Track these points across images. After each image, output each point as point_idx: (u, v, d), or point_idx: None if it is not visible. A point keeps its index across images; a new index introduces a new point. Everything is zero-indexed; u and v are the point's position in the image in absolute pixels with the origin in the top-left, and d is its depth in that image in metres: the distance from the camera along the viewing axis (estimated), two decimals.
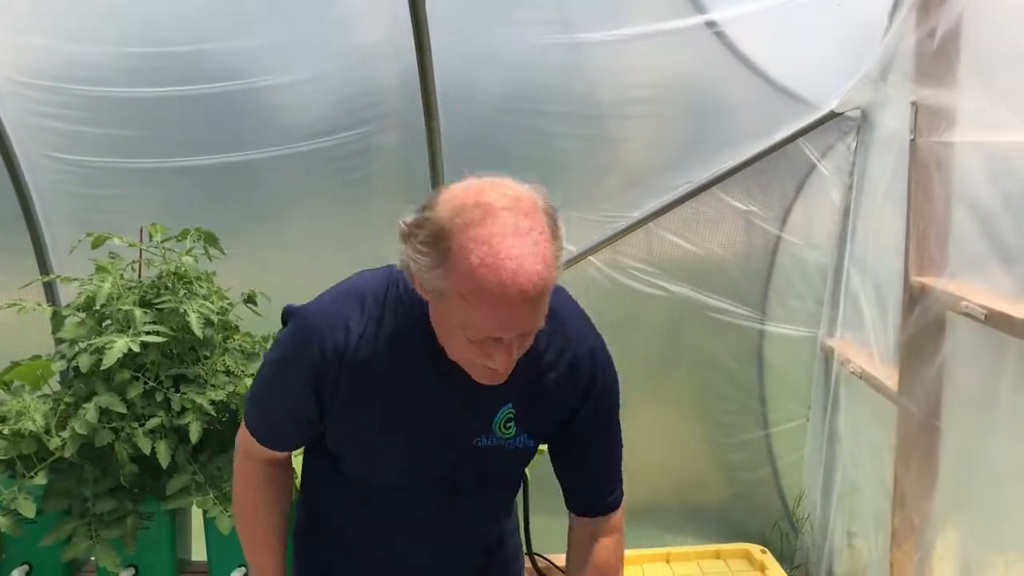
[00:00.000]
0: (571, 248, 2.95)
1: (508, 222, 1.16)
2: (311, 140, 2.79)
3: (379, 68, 2.72)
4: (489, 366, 1.27)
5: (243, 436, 1.55)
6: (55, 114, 2.83)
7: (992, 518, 2.01)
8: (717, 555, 3.01)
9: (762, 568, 2.89)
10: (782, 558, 3.00)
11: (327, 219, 3.00)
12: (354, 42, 2.69)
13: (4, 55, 2.75)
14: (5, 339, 2.75)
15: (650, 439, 3.10)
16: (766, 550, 2.99)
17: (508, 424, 1.45)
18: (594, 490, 1.59)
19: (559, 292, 1.46)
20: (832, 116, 2.79)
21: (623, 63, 2.80)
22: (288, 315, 1.44)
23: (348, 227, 2.99)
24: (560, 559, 2.31)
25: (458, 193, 1.20)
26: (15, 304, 2.49)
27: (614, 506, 1.60)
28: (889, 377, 2.40)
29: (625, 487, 1.63)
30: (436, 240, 1.18)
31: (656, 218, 2.94)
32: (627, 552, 2.49)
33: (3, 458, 2.41)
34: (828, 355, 2.92)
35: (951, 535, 2.19)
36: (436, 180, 2.84)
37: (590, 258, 2.99)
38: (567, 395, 1.47)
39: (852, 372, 2.66)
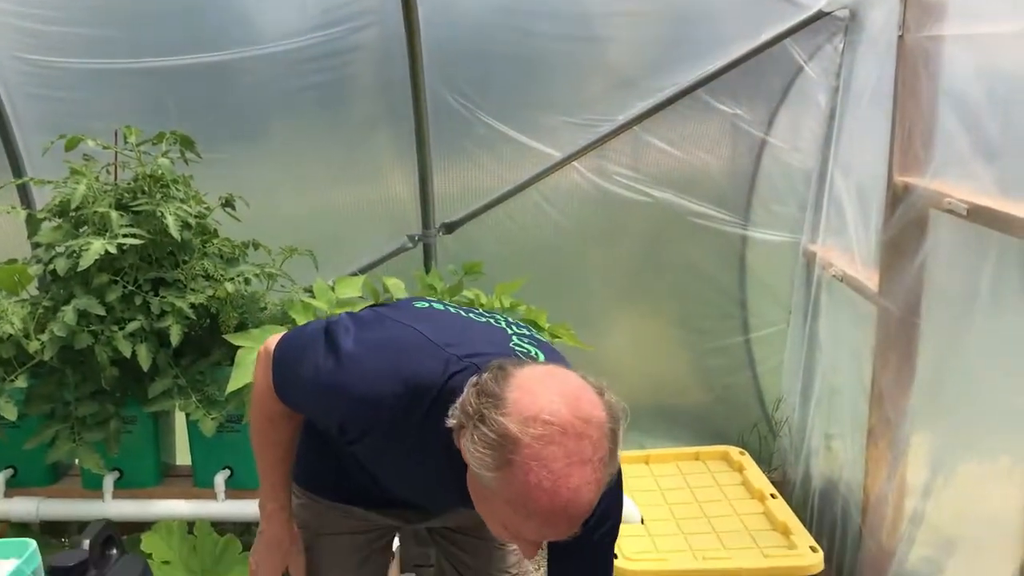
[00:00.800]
0: (555, 153, 2.92)
1: (574, 450, 1.13)
2: (286, 40, 2.72)
3: None
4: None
5: (267, 369, 1.51)
6: (23, 13, 2.74)
7: (967, 416, 2.04)
8: (696, 457, 3.06)
9: (740, 469, 2.95)
10: (760, 460, 3.06)
11: (303, 122, 2.95)
12: None
13: None
14: None
15: (631, 345, 3.13)
16: (744, 452, 3.05)
17: None
18: None
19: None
20: (820, 16, 2.74)
21: None
22: (333, 348, 1.38)
23: (325, 130, 2.94)
24: None
25: (531, 398, 1.15)
26: None
27: None
28: (870, 279, 2.41)
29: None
30: (500, 445, 1.13)
31: (641, 121, 2.90)
32: None
33: None
34: (810, 260, 2.92)
35: (926, 433, 2.23)
36: (416, 83, 2.78)
37: (574, 163, 2.96)
38: None
39: (833, 276, 2.67)
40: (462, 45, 2.82)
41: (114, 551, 2.13)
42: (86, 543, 2.00)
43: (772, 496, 2.74)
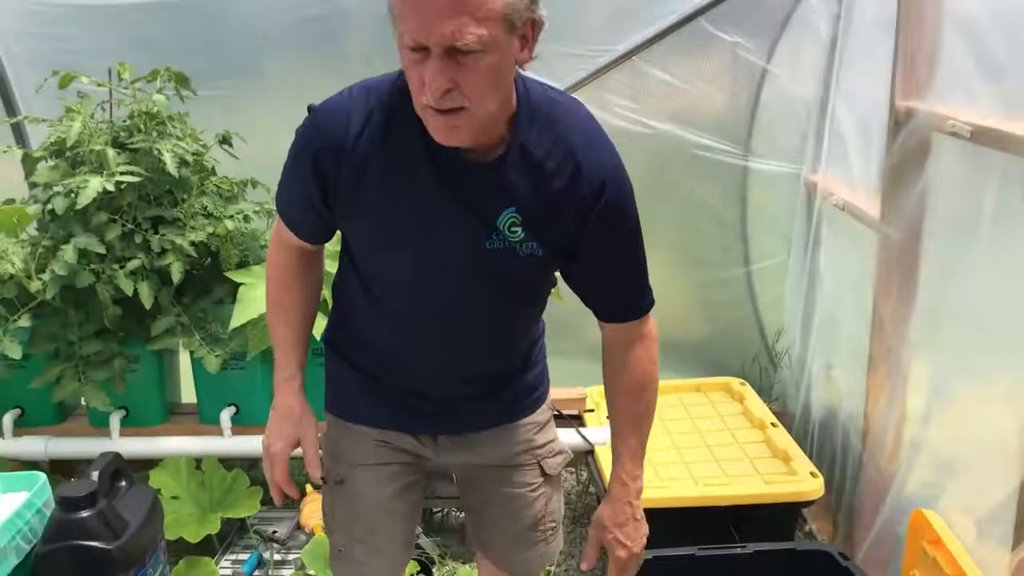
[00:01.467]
0: (555, 85, 2.88)
1: None
2: None
3: None
4: (428, 102, 1.26)
5: (277, 221, 1.59)
6: None
7: (968, 341, 2.05)
8: (697, 388, 3.09)
9: (741, 399, 2.97)
10: (760, 391, 3.08)
11: (299, 57, 2.91)
12: None
13: None
14: None
15: None
16: (745, 383, 3.07)
17: (514, 228, 1.42)
18: (620, 295, 1.55)
19: (570, 107, 1.46)
20: None
21: None
22: (308, 110, 1.47)
23: (321, 65, 2.91)
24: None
25: None
26: None
27: (645, 309, 1.56)
28: (871, 206, 2.39)
29: None
30: None
31: (641, 51, 2.86)
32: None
33: None
34: (811, 190, 2.90)
35: (927, 359, 2.24)
36: None
37: (574, 95, 2.91)
38: (572, 204, 1.42)
39: (835, 205, 2.66)
40: None
41: (123, 483, 2.16)
42: (95, 475, 2.03)
43: (772, 425, 2.76)
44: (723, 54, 2.91)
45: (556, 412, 2.28)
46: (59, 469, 2.77)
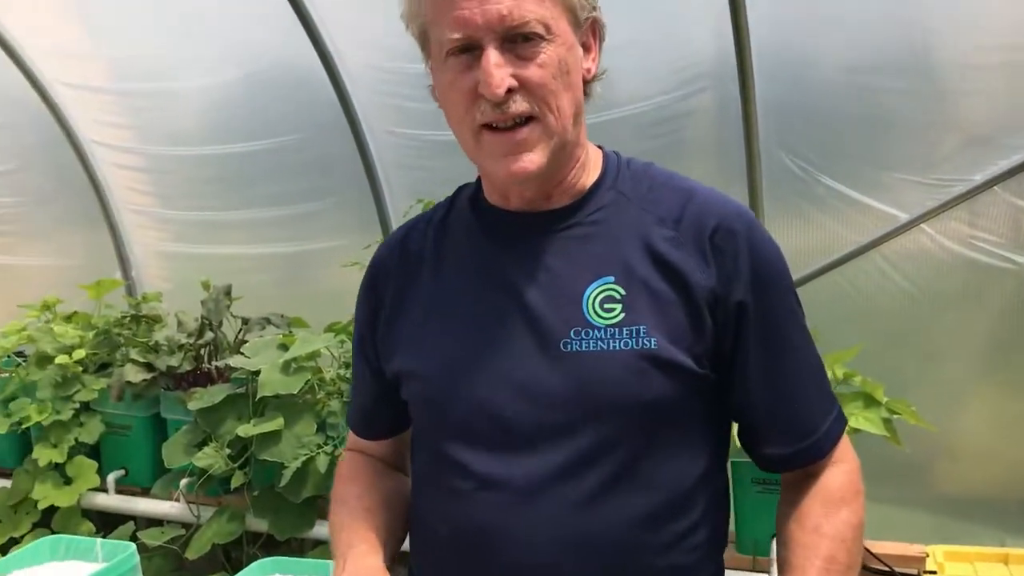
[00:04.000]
0: (901, 215, 2.74)
1: None
2: (624, 106, 2.81)
3: (693, 32, 2.68)
4: (484, 116, 1.00)
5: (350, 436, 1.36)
6: (396, 92, 3.10)
7: None
8: (1005, 560, 2.65)
9: None
10: None
11: None
12: (668, 6, 2.67)
13: (365, 46, 3.03)
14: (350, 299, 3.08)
15: (989, 427, 2.80)
16: None
17: (609, 306, 1.02)
18: (787, 423, 1.09)
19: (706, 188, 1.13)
20: None
21: (969, 11, 2.53)
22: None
23: None
24: None
25: None
26: (356, 263, 2.77)
27: (833, 438, 1.10)
28: None
29: (958, 479, 1.25)
30: None
31: (1003, 181, 2.63)
32: (956, 549, 2.28)
33: None
34: None
35: None
36: (750, 146, 2.76)
37: (922, 226, 2.74)
38: (694, 260, 1.03)
39: None
40: (799, 106, 2.75)
41: None
42: None
43: None
44: None
45: (888, 568, 2.08)
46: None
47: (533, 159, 1.00)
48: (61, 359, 2.75)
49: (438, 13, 0.99)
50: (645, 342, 1.00)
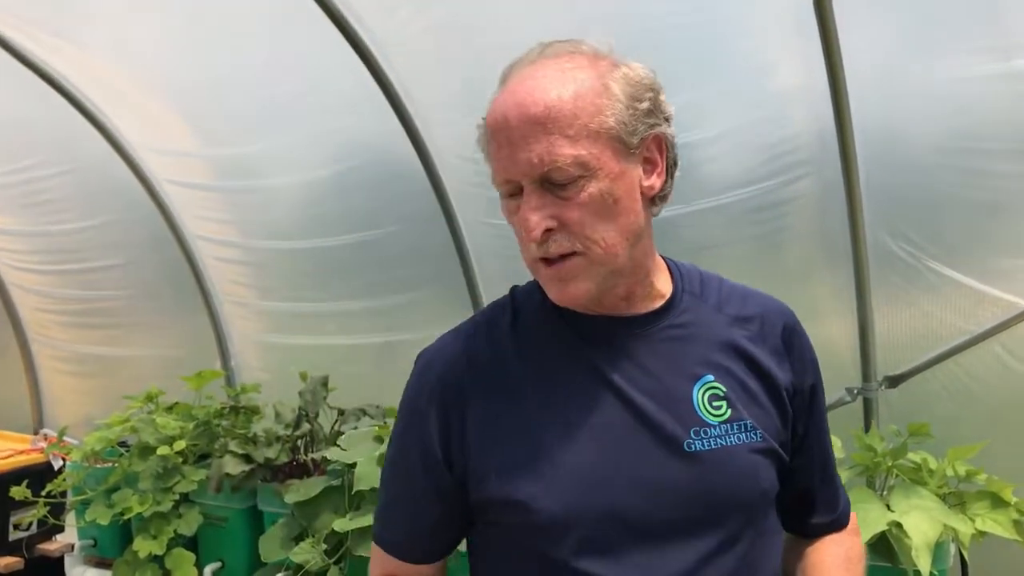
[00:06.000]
0: (1019, 301, 2.60)
1: (537, 58, 1.06)
2: (724, 194, 2.76)
3: (793, 115, 2.64)
4: (535, 252, 1.04)
5: (374, 563, 1.25)
6: (489, 183, 3.12)
7: None
8: None
9: None
10: None
11: (740, 274, 2.95)
12: (767, 90, 2.64)
13: (459, 139, 3.06)
14: None
15: None
16: None
17: (717, 404, 1.08)
18: (831, 495, 1.27)
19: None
20: None
21: None
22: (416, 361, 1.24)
23: (759, 279, 2.91)
24: None
25: None
26: None
27: (849, 509, 1.30)
28: None
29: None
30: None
31: None
32: None
33: None
34: None
35: None
36: (855, 231, 2.67)
37: None
38: (776, 362, 1.14)
39: None
40: (905, 190, 2.66)
41: None
42: None
43: None
44: None
45: None
46: None
47: (580, 287, 1.05)
48: (162, 450, 2.79)
49: (494, 151, 1.05)
50: (752, 436, 1.09)
